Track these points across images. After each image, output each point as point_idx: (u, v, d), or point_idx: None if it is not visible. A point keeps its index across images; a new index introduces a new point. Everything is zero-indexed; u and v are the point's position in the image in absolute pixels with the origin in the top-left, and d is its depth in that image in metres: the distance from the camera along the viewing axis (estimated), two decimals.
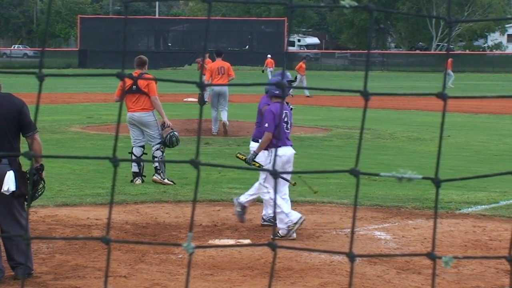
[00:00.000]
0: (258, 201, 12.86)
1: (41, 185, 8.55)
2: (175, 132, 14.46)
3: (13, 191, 8.17)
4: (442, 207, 12.51)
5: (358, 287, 8.38)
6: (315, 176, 15.05)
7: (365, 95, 2.14)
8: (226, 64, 22.59)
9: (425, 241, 10.43)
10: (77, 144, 20.05)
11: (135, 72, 14.19)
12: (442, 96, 2.19)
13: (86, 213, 11.62)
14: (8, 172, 8.14)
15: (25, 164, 8.59)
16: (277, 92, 10.65)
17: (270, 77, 53.06)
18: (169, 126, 14.39)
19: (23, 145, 8.64)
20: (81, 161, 16.63)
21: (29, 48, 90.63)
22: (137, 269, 8.92)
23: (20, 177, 8.23)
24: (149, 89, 14.19)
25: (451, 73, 51.74)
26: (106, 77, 2.49)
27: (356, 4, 2.13)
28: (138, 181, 14.31)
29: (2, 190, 8.12)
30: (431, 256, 2.16)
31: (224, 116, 22.66)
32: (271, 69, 53.72)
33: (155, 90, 14.28)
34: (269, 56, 55.42)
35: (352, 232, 2.36)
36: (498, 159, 18.62)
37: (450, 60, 54.66)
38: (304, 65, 42.30)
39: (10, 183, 8.13)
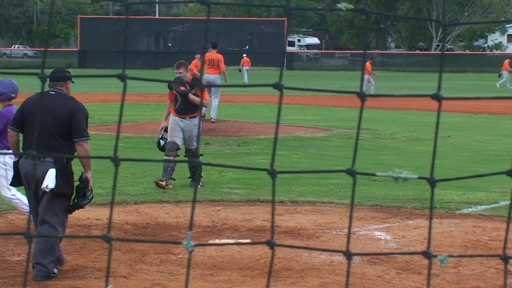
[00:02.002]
0: (258, 201, 12.88)
1: (89, 193, 8.64)
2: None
3: (52, 189, 8.24)
4: (442, 207, 12.52)
5: (358, 287, 8.39)
6: (315, 176, 15.06)
7: (361, 96, 2.16)
8: (218, 56, 23.82)
9: (425, 241, 10.44)
10: None
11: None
12: (437, 97, 2.21)
13: (86, 213, 11.61)
14: (50, 170, 8.23)
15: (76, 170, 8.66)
16: (13, 95, 10.32)
17: (245, 76, 53.50)
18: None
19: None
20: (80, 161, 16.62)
21: (29, 48, 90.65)
22: (137, 269, 8.93)
23: (62, 177, 8.29)
24: None
25: (506, 73, 51.73)
26: (107, 77, 2.51)
27: (352, 7, 2.14)
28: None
29: (42, 187, 8.21)
30: (427, 254, 2.17)
31: (214, 105, 24.19)
32: (247, 67, 54.22)
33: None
34: (244, 55, 56.36)
35: (349, 231, 2.38)
36: (498, 159, 18.62)
37: (507, 61, 54.42)
38: (370, 65, 42.22)
39: (49, 180, 8.21)
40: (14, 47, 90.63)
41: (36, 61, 77.37)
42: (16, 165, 8.52)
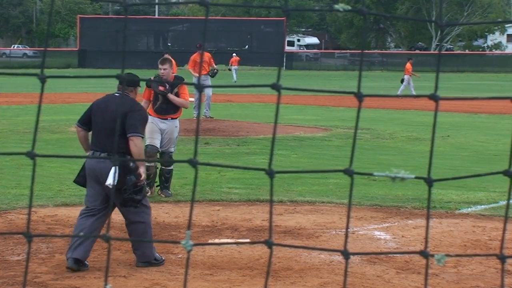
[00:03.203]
0: (257, 201, 12.89)
1: (145, 188, 8.95)
2: None
3: (114, 186, 8.61)
4: (442, 207, 12.53)
5: (358, 287, 8.39)
6: (314, 176, 15.07)
7: (359, 96, 2.17)
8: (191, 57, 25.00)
9: (424, 241, 10.44)
10: (77, 144, 19.84)
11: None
12: (434, 97, 2.21)
13: None
14: (112, 168, 8.53)
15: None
16: None
17: (234, 75, 53.62)
18: None
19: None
20: (81, 161, 16.62)
21: (29, 48, 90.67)
22: (137, 269, 8.94)
23: (122, 173, 8.57)
24: None
25: None
26: (107, 78, 2.51)
27: (349, 7, 2.15)
28: None
29: (105, 184, 8.57)
30: (424, 254, 2.18)
31: (206, 103, 25.55)
32: (236, 67, 54.38)
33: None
34: (234, 54, 56.56)
35: (347, 230, 2.38)
36: (498, 159, 18.62)
37: None
38: (411, 66, 42.17)
39: (111, 178, 8.53)
40: (14, 46, 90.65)
41: (35, 60, 77.35)
42: (84, 163, 9.11)
